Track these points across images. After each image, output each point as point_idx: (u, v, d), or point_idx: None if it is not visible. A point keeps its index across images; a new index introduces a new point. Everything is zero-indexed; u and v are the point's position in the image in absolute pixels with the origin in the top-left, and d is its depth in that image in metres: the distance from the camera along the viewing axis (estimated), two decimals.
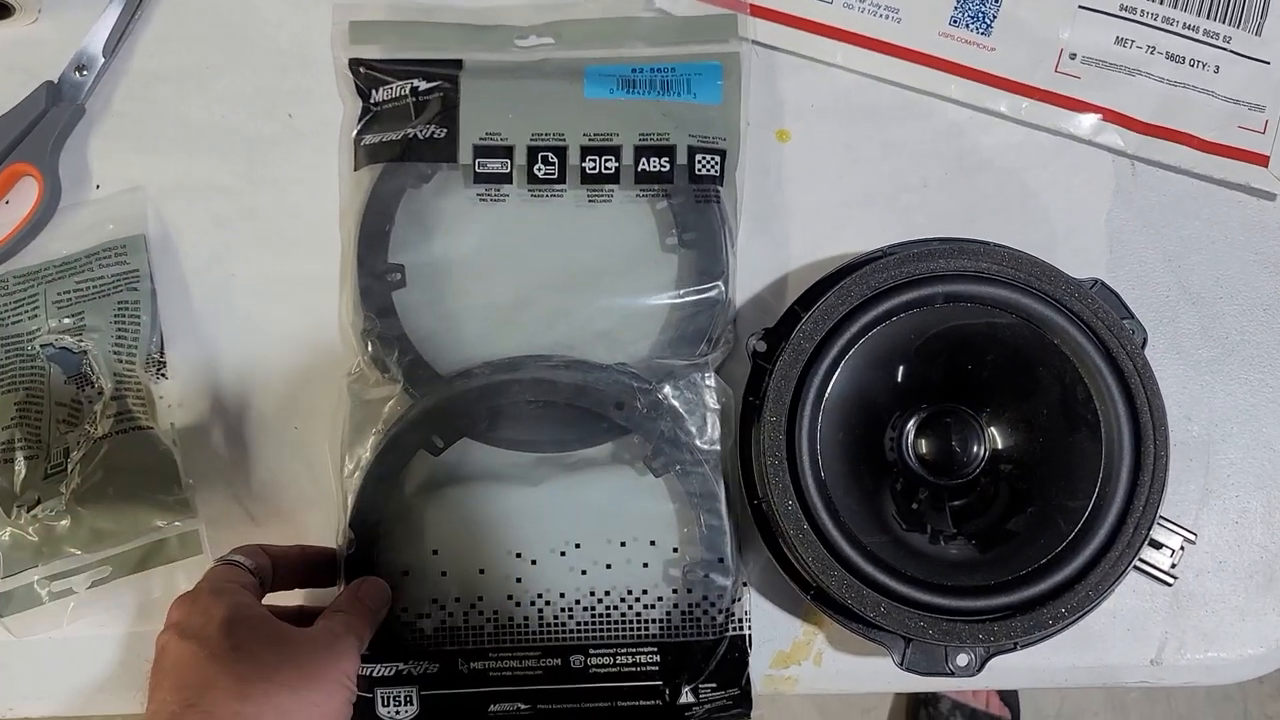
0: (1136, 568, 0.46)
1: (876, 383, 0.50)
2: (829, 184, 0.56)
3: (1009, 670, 0.52)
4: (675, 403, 0.52)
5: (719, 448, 0.52)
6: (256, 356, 0.56)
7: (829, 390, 0.48)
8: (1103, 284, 0.49)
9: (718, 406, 0.53)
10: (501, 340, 0.55)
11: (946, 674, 0.46)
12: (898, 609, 0.45)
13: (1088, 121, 0.55)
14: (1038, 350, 0.48)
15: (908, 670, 0.46)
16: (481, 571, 0.52)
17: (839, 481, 0.48)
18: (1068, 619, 0.45)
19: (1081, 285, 0.48)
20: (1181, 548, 0.46)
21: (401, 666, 0.51)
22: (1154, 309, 0.55)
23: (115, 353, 0.54)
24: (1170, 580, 0.46)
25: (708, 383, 0.53)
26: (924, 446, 0.50)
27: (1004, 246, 0.49)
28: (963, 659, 0.46)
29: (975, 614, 0.45)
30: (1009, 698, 1.29)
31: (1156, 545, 0.46)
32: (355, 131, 0.56)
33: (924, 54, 0.56)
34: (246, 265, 0.57)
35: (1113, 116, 0.55)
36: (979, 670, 0.46)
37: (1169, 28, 0.55)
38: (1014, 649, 0.46)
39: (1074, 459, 0.47)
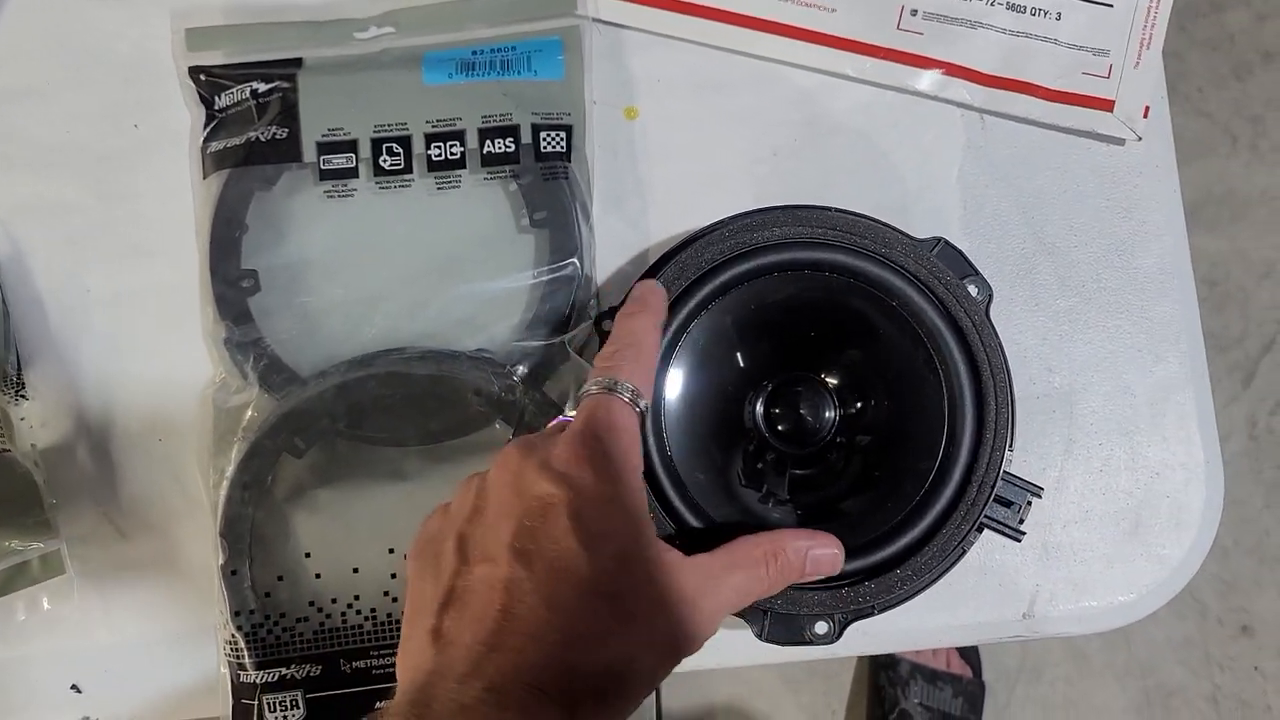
0: (986, 525, 0.46)
1: (725, 355, 0.50)
2: (681, 158, 0.56)
3: (882, 634, 0.52)
4: (533, 385, 0.52)
5: None
6: (118, 372, 0.55)
7: (672, 363, 0.48)
8: (946, 243, 0.49)
9: (576, 385, 0.53)
10: (363, 336, 0.54)
11: (806, 643, 0.46)
12: None
13: (933, 77, 0.55)
14: (879, 314, 0.48)
15: (768, 641, 0.46)
16: (356, 570, 0.52)
17: (689, 456, 0.48)
18: (917, 581, 0.45)
19: (919, 245, 0.48)
20: (1028, 502, 0.46)
21: (284, 671, 0.51)
22: (1010, 262, 0.54)
23: None
24: (1018, 536, 0.46)
25: (567, 361, 0.53)
26: (775, 415, 0.50)
27: (841, 210, 0.49)
28: (821, 627, 0.46)
29: (826, 580, 0.45)
30: (969, 655, 1.30)
31: (1006, 503, 0.46)
32: (202, 139, 0.55)
33: (766, 21, 0.55)
34: (103, 281, 0.56)
35: (958, 71, 0.55)
36: (838, 637, 0.46)
37: None
38: (873, 613, 0.46)
39: (921, 421, 0.47)
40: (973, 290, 0.48)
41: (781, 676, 1.33)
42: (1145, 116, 0.54)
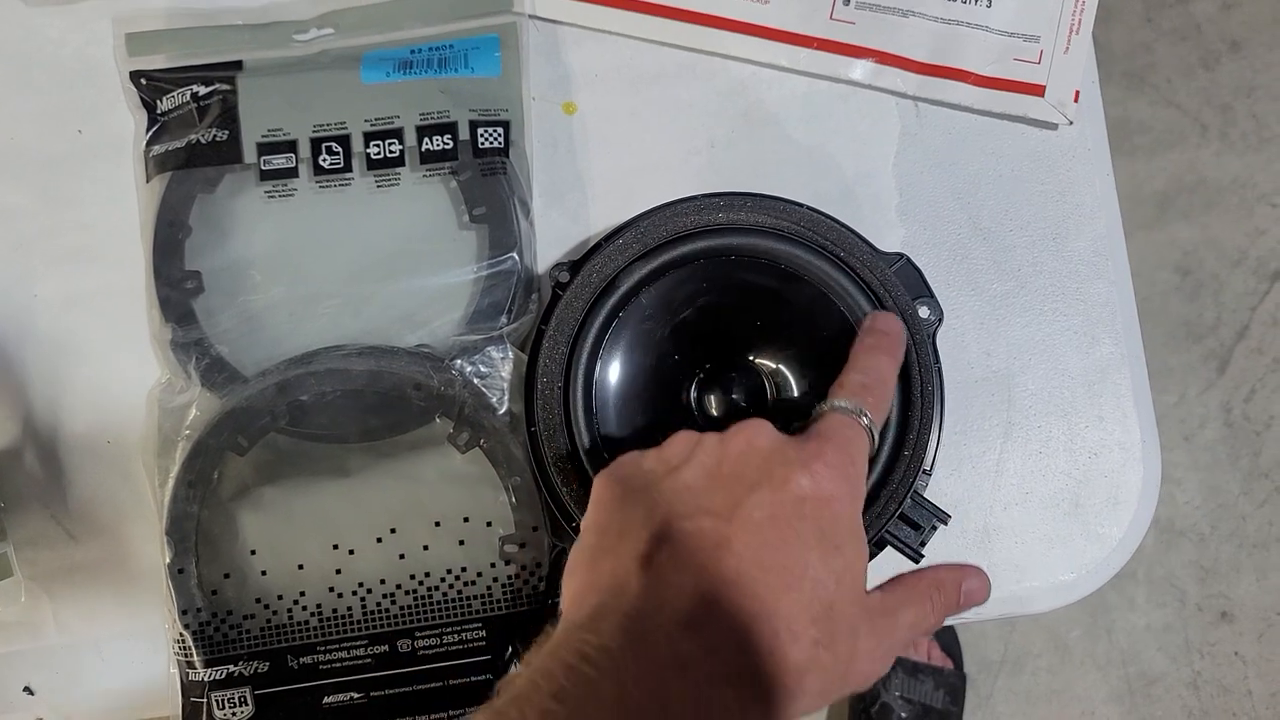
0: (888, 541, 0.46)
1: (669, 331, 0.50)
2: (618, 152, 0.56)
3: None
4: (473, 378, 0.53)
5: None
6: (66, 375, 0.56)
7: (615, 327, 0.48)
8: (908, 260, 0.49)
9: (514, 379, 0.53)
10: (308, 334, 0.55)
11: None
12: None
13: (866, 67, 0.55)
14: (825, 315, 0.48)
15: None
16: (301, 567, 0.52)
17: (625, 424, 0.48)
18: None
19: (880, 257, 0.48)
20: (934, 527, 0.46)
21: (232, 669, 0.52)
22: (947, 248, 0.55)
23: None
24: (917, 557, 0.46)
25: (506, 354, 0.53)
26: (711, 397, 0.51)
27: (809, 208, 0.49)
28: None
29: None
30: (950, 647, 1.30)
31: (914, 525, 0.46)
32: (144, 143, 0.56)
33: (701, 14, 0.56)
34: (49, 285, 0.56)
35: (891, 59, 0.55)
36: None
37: None
38: None
39: None
40: (924, 311, 0.48)
41: None
42: (1076, 101, 0.54)
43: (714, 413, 0.51)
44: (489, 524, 0.52)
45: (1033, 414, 0.54)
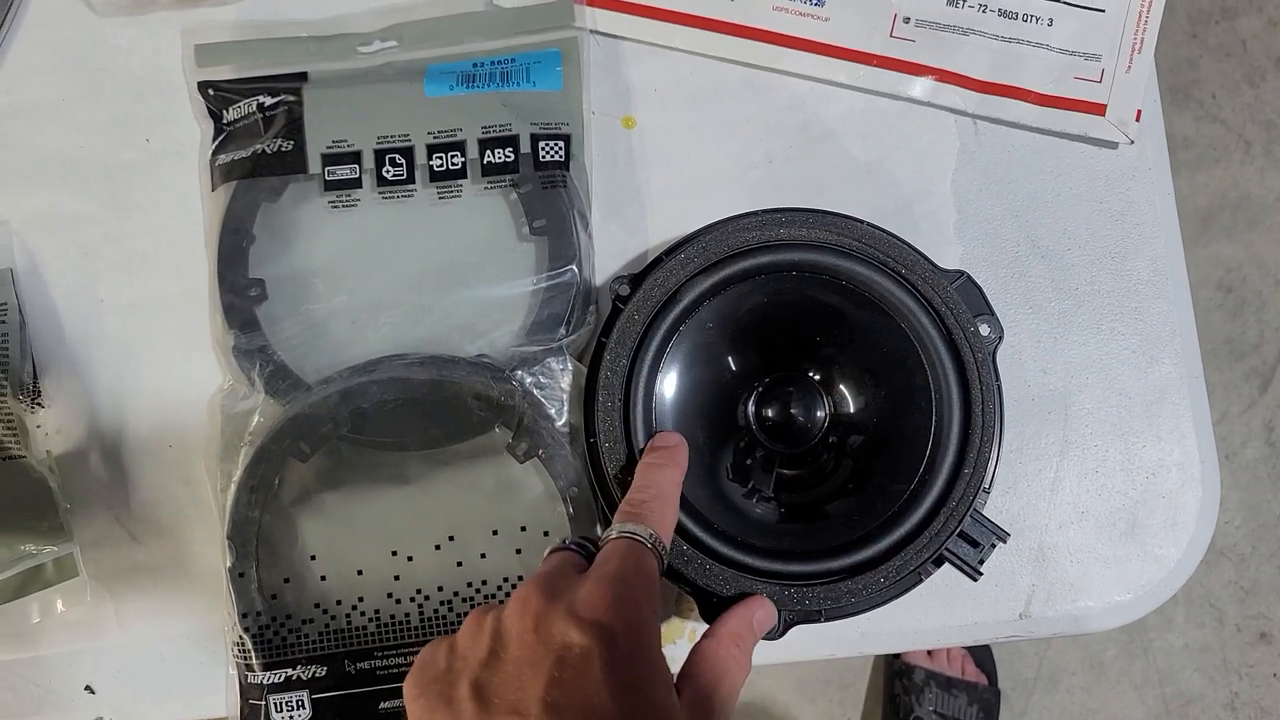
0: (946, 558, 0.46)
1: (728, 344, 0.51)
2: (677, 166, 0.57)
3: (879, 633, 0.52)
4: (532, 389, 0.53)
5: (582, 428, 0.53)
6: (130, 379, 0.57)
7: (675, 340, 0.49)
8: (968, 277, 0.50)
9: (575, 390, 0.54)
10: (369, 343, 0.55)
11: None
12: (699, 557, 0.45)
13: (925, 84, 0.55)
14: (886, 332, 0.48)
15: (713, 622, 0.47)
16: (360, 572, 0.53)
17: (684, 436, 0.49)
18: (866, 598, 0.46)
19: (941, 274, 0.48)
20: (993, 545, 0.46)
21: (290, 672, 0.52)
22: (1005, 265, 0.55)
23: None
24: (975, 575, 0.46)
25: (565, 366, 0.54)
26: (768, 411, 0.51)
27: (870, 224, 0.49)
28: None
29: (773, 576, 0.46)
30: (984, 663, 1.30)
31: (972, 542, 0.46)
32: (210, 152, 0.57)
33: (760, 29, 0.56)
34: (115, 291, 0.57)
35: (950, 77, 0.55)
36: (781, 635, 0.46)
37: None
38: (819, 619, 0.46)
39: (907, 445, 0.47)
40: (984, 329, 0.48)
41: (797, 684, 1.33)
42: (1137, 120, 0.54)
43: (770, 425, 0.51)
44: (546, 533, 0.53)
45: (1089, 433, 0.54)
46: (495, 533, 0.53)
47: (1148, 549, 0.52)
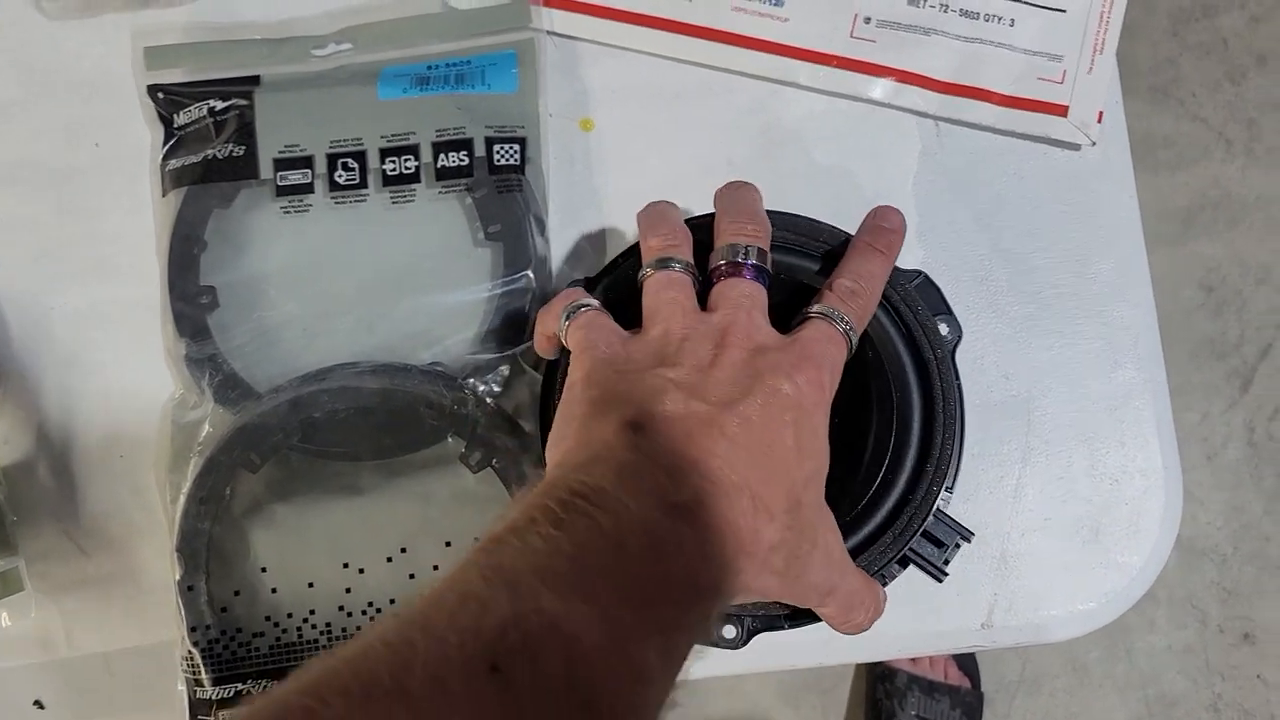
0: (910, 559, 0.45)
1: None
2: (636, 169, 0.56)
3: (842, 642, 0.52)
4: (486, 397, 0.52)
5: (536, 437, 0.52)
6: (80, 388, 0.56)
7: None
8: (926, 277, 0.49)
9: (528, 398, 0.53)
10: (321, 351, 0.54)
11: (712, 643, 0.46)
12: None
13: (887, 85, 0.55)
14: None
15: None
16: (311, 585, 0.52)
17: None
18: None
19: (898, 274, 0.47)
20: (957, 545, 0.46)
21: (241, 687, 0.51)
22: (967, 269, 0.54)
23: None
24: (940, 576, 0.45)
25: (520, 375, 0.53)
26: None
27: (830, 226, 0.48)
28: (729, 631, 0.46)
29: None
30: (967, 666, 1.29)
31: (937, 542, 0.46)
32: (161, 157, 0.56)
33: (719, 30, 0.55)
34: (65, 298, 0.56)
35: (911, 78, 0.54)
36: (744, 643, 0.45)
37: None
38: (782, 626, 0.45)
39: (865, 445, 0.47)
40: (943, 328, 0.48)
41: (779, 690, 1.33)
42: (1099, 121, 0.53)
43: None
44: None
45: (1052, 439, 0.53)
46: (449, 544, 0.52)
47: (1110, 556, 0.52)
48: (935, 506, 0.45)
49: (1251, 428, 1.33)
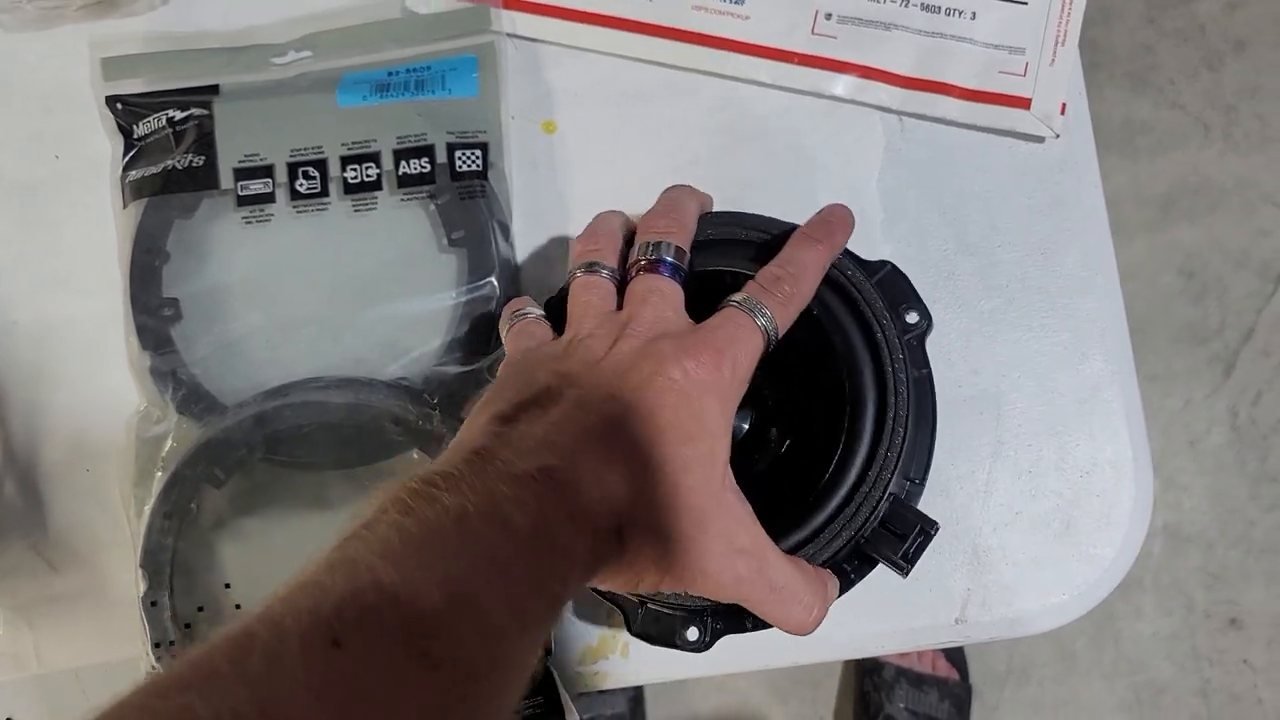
0: (865, 550, 0.44)
1: None
2: (600, 171, 0.56)
3: (814, 643, 0.51)
4: (451, 414, 0.52)
5: None
6: (45, 403, 0.55)
7: None
8: (893, 267, 0.48)
9: None
10: (286, 361, 0.54)
11: (675, 645, 0.45)
12: None
13: (849, 81, 0.54)
14: (806, 330, 0.47)
15: (638, 636, 0.46)
16: None
17: None
18: None
19: (864, 267, 0.46)
20: (920, 537, 0.44)
21: None
22: (933, 264, 0.54)
23: None
24: (903, 569, 0.43)
25: (487, 385, 0.52)
26: None
27: (787, 223, 0.47)
28: (692, 633, 0.45)
29: None
30: (955, 658, 1.29)
31: (899, 535, 0.44)
32: (121, 168, 0.55)
33: (680, 30, 0.55)
34: (28, 312, 0.56)
35: (874, 74, 0.54)
36: (708, 646, 0.45)
37: None
38: (746, 629, 0.45)
39: (822, 439, 0.46)
40: (911, 317, 0.47)
41: (768, 686, 1.33)
42: (1063, 113, 0.53)
43: None
44: None
45: (1022, 433, 0.53)
46: None
47: (1082, 549, 0.52)
48: (889, 494, 0.44)
49: (1234, 412, 1.33)
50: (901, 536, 0.44)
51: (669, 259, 0.43)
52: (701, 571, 0.38)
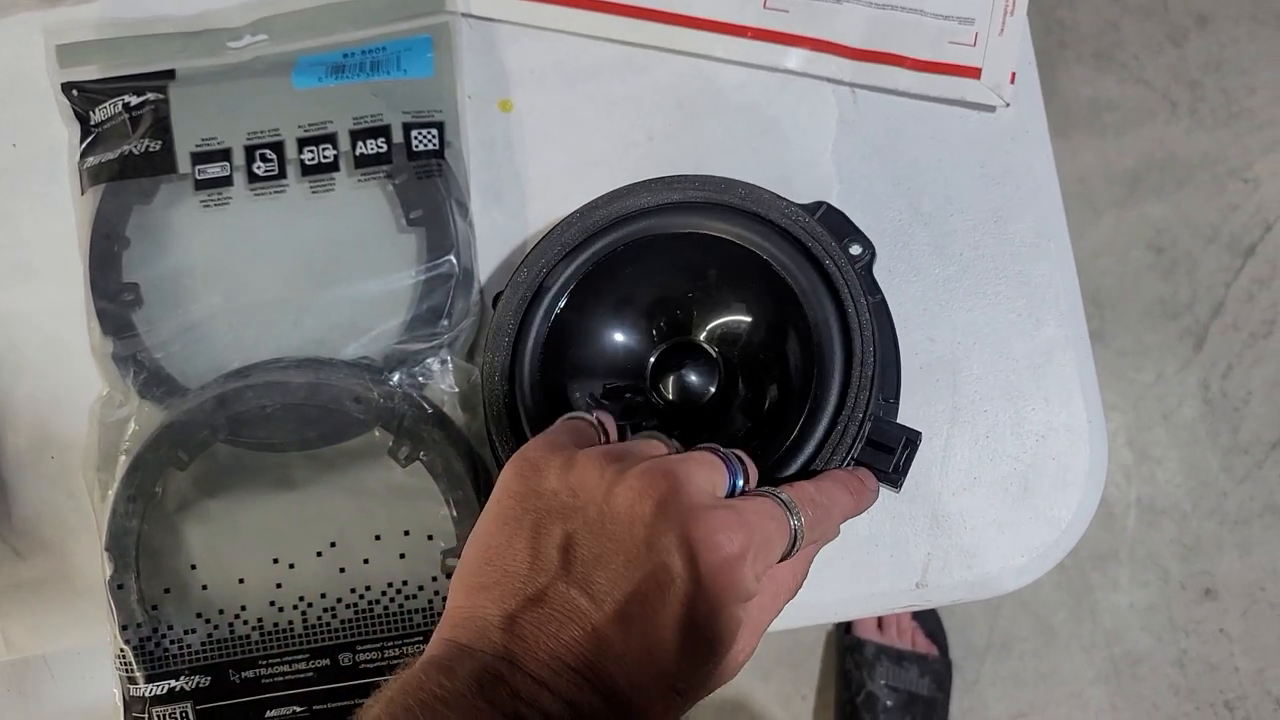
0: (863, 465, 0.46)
1: (614, 327, 0.50)
2: (556, 149, 0.56)
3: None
4: (412, 390, 0.52)
5: (465, 429, 0.52)
6: (9, 391, 0.56)
7: (552, 328, 0.49)
8: (829, 206, 0.50)
9: (457, 389, 0.53)
10: (248, 343, 0.54)
11: None
12: None
13: (801, 55, 0.55)
14: (759, 276, 0.48)
15: None
16: (241, 581, 0.52)
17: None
18: None
19: (801, 209, 0.48)
20: (908, 449, 0.46)
21: (174, 684, 0.51)
22: (889, 234, 0.55)
23: None
24: (895, 481, 0.46)
25: (447, 365, 0.53)
26: (668, 392, 0.50)
27: (718, 176, 0.49)
28: None
29: None
30: (935, 634, 1.30)
31: (886, 449, 0.46)
32: (78, 155, 0.55)
33: (635, 7, 0.55)
34: None
35: (825, 46, 0.55)
36: None
37: None
38: None
39: (793, 376, 0.47)
40: (855, 250, 0.49)
41: (750, 665, 1.33)
42: (1012, 83, 0.54)
43: (672, 398, 0.50)
44: (430, 537, 0.52)
45: (978, 398, 0.53)
46: (378, 538, 0.52)
47: (1040, 511, 0.52)
48: (870, 413, 0.45)
49: (1206, 385, 1.34)
50: (890, 450, 0.45)
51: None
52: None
